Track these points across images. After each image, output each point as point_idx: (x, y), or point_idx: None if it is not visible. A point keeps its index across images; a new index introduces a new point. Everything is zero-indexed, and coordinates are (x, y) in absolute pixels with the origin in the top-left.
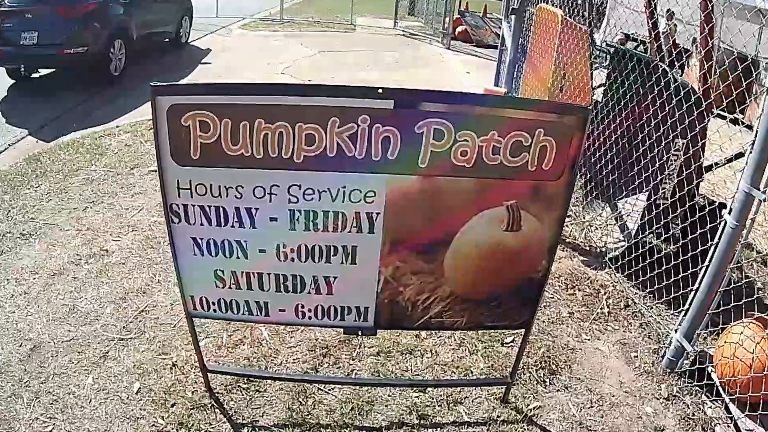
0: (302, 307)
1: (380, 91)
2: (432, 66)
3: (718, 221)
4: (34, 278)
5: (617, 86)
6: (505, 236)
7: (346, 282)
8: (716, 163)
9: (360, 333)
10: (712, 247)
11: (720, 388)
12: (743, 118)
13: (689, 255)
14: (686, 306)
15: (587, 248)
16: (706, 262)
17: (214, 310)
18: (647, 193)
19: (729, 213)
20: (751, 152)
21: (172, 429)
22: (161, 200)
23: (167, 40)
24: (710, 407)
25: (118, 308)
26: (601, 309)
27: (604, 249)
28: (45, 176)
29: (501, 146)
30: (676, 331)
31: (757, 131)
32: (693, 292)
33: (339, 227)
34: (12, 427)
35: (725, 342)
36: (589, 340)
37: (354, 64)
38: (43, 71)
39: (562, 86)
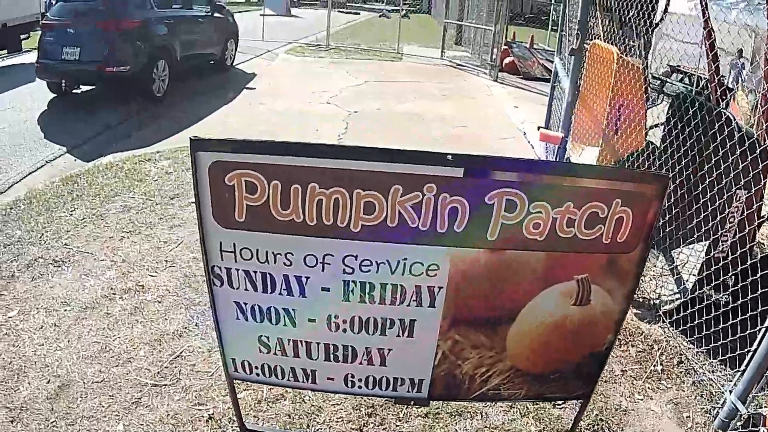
0: (352, 376)
1: (450, 157)
2: (479, 98)
3: None
4: (65, 310)
5: (677, 132)
6: (572, 310)
7: (401, 355)
8: None
9: (412, 403)
10: None
11: None
12: None
13: (749, 314)
14: (743, 367)
15: (641, 300)
16: (767, 323)
17: (257, 374)
18: (706, 246)
19: None
20: None
21: None
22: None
23: (212, 62)
24: None
25: (153, 351)
26: (654, 366)
27: (658, 301)
28: (81, 200)
29: (576, 218)
30: (730, 392)
31: None
32: (751, 353)
33: (397, 300)
34: None
35: None
36: (642, 400)
37: (400, 94)
38: (85, 87)
39: (617, 128)
